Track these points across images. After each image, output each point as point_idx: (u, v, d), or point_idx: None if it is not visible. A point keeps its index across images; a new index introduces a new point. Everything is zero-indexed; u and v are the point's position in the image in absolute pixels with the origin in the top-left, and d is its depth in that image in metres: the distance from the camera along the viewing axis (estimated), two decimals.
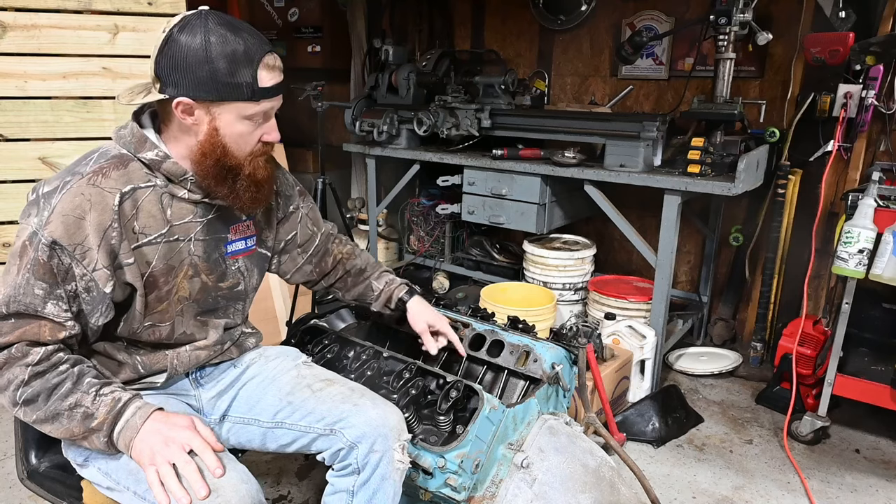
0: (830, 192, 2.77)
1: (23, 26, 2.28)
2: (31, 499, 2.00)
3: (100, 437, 1.10)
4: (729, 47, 2.56)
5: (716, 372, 2.96)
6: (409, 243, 4.01)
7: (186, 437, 1.09)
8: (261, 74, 1.13)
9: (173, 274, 1.23)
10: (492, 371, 1.65)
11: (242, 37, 1.11)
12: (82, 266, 1.10)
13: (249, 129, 1.17)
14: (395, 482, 1.23)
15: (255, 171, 1.21)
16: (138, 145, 1.18)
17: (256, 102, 1.14)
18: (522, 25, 3.67)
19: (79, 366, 1.13)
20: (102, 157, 1.16)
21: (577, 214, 3.20)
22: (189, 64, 1.09)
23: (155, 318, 1.24)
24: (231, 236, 1.32)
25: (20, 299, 1.07)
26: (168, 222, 1.20)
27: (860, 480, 2.23)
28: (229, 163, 1.17)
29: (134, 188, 1.15)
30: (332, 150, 3.86)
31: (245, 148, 1.19)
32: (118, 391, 1.13)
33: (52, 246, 1.07)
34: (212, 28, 1.09)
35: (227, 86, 1.11)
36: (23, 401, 1.08)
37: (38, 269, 1.07)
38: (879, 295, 2.54)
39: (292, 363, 1.43)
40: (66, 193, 1.09)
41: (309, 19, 4.42)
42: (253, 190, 1.21)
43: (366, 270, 1.63)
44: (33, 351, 1.08)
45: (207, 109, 1.13)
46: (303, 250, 1.53)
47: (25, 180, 2.34)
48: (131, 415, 1.10)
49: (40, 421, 1.10)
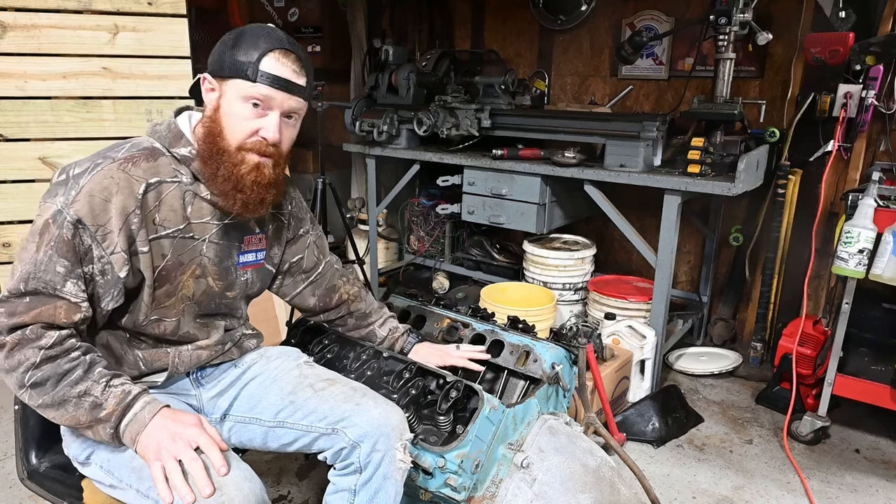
0: (830, 192, 2.77)
1: (23, 26, 2.28)
2: (31, 499, 2.00)
3: (106, 428, 1.10)
4: (729, 47, 2.56)
5: (716, 372, 2.96)
6: (409, 243, 4.01)
7: (193, 434, 1.09)
8: (266, 60, 1.16)
9: (181, 270, 1.24)
10: (492, 371, 1.65)
11: (268, 30, 1.19)
12: (101, 248, 1.11)
13: (246, 114, 1.17)
14: (397, 481, 1.23)
15: (241, 164, 1.18)
16: (174, 140, 1.21)
17: (253, 83, 1.15)
18: (522, 25, 3.67)
19: (90, 354, 1.13)
20: (135, 147, 1.19)
21: (577, 214, 3.20)
22: (219, 43, 1.19)
23: (161, 313, 1.25)
24: (245, 247, 1.34)
25: (40, 276, 1.08)
26: (187, 219, 1.22)
27: (860, 480, 2.23)
28: (219, 143, 1.18)
29: (160, 181, 1.18)
30: (332, 150, 3.87)
31: (237, 133, 1.18)
32: (128, 384, 1.13)
33: (76, 224, 1.09)
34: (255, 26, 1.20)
35: (233, 62, 1.16)
36: (31, 383, 1.08)
37: (61, 247, 1.08)
38: (879, 295, 2.54)
39: (294, 363, 1.43)
40: (96, 175, 1.11)
41: (309, 19, 4.42)
42: (233, 182, 1.18)
43: (370, 315, 1.64)
44: (47, 334, 1.08)
45: (220, 85, 1.19)
46: (306, 276, 1.54)
47: (25, 180, 2.34)
48: (140, 409, 1.11)
49: (45, 406, 1.09)
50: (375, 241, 3.85)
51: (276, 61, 1.17)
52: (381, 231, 4.05)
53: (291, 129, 1.26)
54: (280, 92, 1.18)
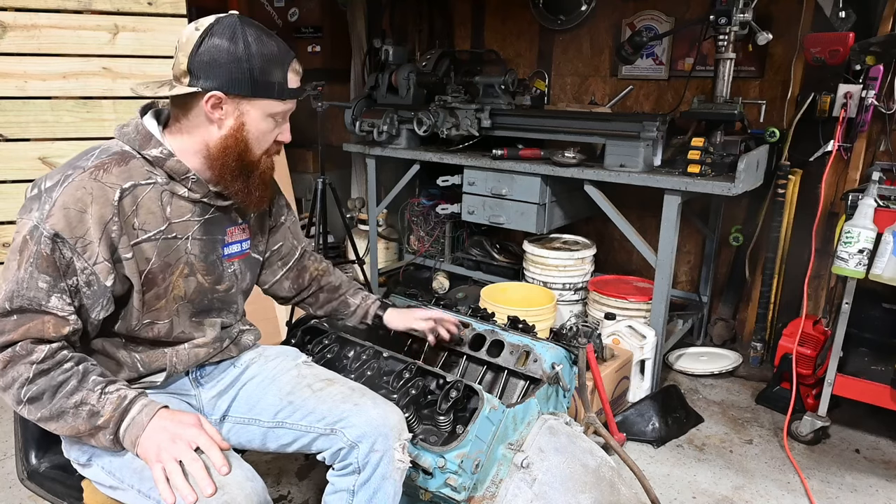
0: (830, 192, 2.77)
1: (23, 26, 2.28)
2: (31, 499, 2.00)
3: (105, 435, 1.10)
4: (729, 47, 2.56)
5: (716, 372, 2.96)
6: (409, 243, 4.01)
7: (193, 434, 1.09)
8: (290, 76, 1.21)
9: (169, 271, 1.23)
10: (492, 371, 1.65)
11: (275, 40, 1.20)
12: (83, 259, 1.10)
13: (271, 128, 1.23)
14: (396, 482, 1.23)
15: (267, 169, 1.28)
16: (143, 142, 1.19)
17: (283, 101, 1.21)
18: (522, 25, 3.67)
19: (83, 363, 1.13)
20: (104, 154, 1.16)
21: (577, 214, 3.20)
22: (227, 60, 1.15)
23: (153, 316, 1.24)
24: (228, 238, 1.34)
25: (24, 293, 1.07)
26: (167, 220, 1.21)
27: (860, 480, 2.23)
28: (248, 158, 1.22)
29: (134, 185, 1.16)
30: (332, 150, 3.87)
31: (263, 146, 1.24)
32: (123, 389, 1.13)
33: (54, 238, 1.07)
34: (248, 31, 1.17)
35: (263, 84, 1.17)
36: (27, 398, 1.08)
37: (41, 263, 1.08)
38: (879, 295, 2.54)
39: (292, 363, 1.43)
40: (68, 187, 1.10)
41: (309, 19, 4.42)
42: (262, 188, 1.27)
43: (340, 287, 1.66)
44: (38, 349, 1.08)
45: (237, 105, 1.18)
46: (283, 263, 1.56)
47: (25, 180, 2.35)
48: (137, 412, 1.11)
49: (45, 419, 1.10)
50: (375, 241, 3.85)
51: (294, 74, 1.23)
52: (381, 231, 4.05)
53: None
54: (296, 101, 1.26)
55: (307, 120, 3.32)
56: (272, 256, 1.53)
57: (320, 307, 1.66)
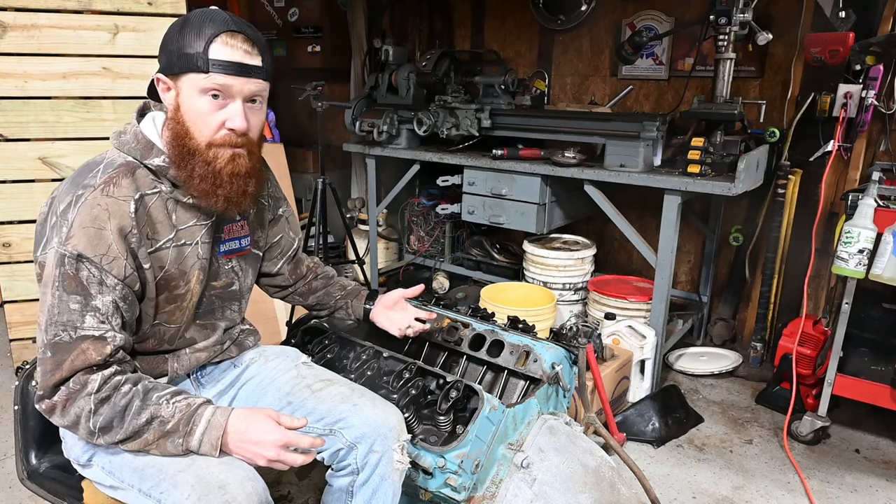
0: (830, 192, 2.77)
1: (23, 26, 2.28)
2: (31, 499, 2.00)
3: (174, 439, 1.10)
4: (729, 47, 2.56)
5: (716, 372, 2.96)
6: (409, 243, 4.01)
7: (275, 438, 1.09)
8: (214, 47, 1.10)
9: (185, 279, 1.23)
10: (492, 371, 1.65)
11: (210, 14, 1.12)
12: (112, 276, 1.09)
13: (207, 108, 1.13)
14: (395, 482, 1.23)
15: (216, 160, 1.15)
16: (144, 151, 1.17)
17: (206, 74, 1.10)
18: (522, 25, 3.67)
19: (141, 382, 1.12)
20: (109, 168, 1.14)
21: (577, 214, 3.20)
22: (166, 41, 1.14)
23: (162, 318, 1.24)
24: (224, 236, 1.33)
25: (57, 319, 1.06)
26: (174, 227, 1.20)
27: (860, 480, 2.23)
28: (190, 145, 1.14)
29: (142, 195, 1.15)
30: (332, 150, 3.87)
31: (204, 130, 1.14)
32: (190, 397, 1.14)
33: (78, 259, 1.06)
34: (196, 11, 1.13)
35: (181, 56, 1.11)
36: (99, 429, 1.08)
37: (68, 284, 1.07)
38: (879, 295, 2.54)
39: (292, 363, 1.43)
40: (83, 206, 1.08)
41: (309, 19, 4.42)
42: (211, 180, 1.16)
43: (333, 276, 1.68)
44: (90, 379, 1.07)
45: (175, 84, 1.14)
46: (282, 254, 1.56)
47: (25, 180, 2.34)
48: (210, 415, 1.11)
49: (123, 441, 1.10)
50: (375, 241, 3.85)
51: (224, 45, 1.10)
52: (381, 231, 4.05)
53: (258, 113, 1.19)
54: (236, 78, 1.11)
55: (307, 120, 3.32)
56: (272, 248, 1.53)
57: (317, 293, 1.64)
